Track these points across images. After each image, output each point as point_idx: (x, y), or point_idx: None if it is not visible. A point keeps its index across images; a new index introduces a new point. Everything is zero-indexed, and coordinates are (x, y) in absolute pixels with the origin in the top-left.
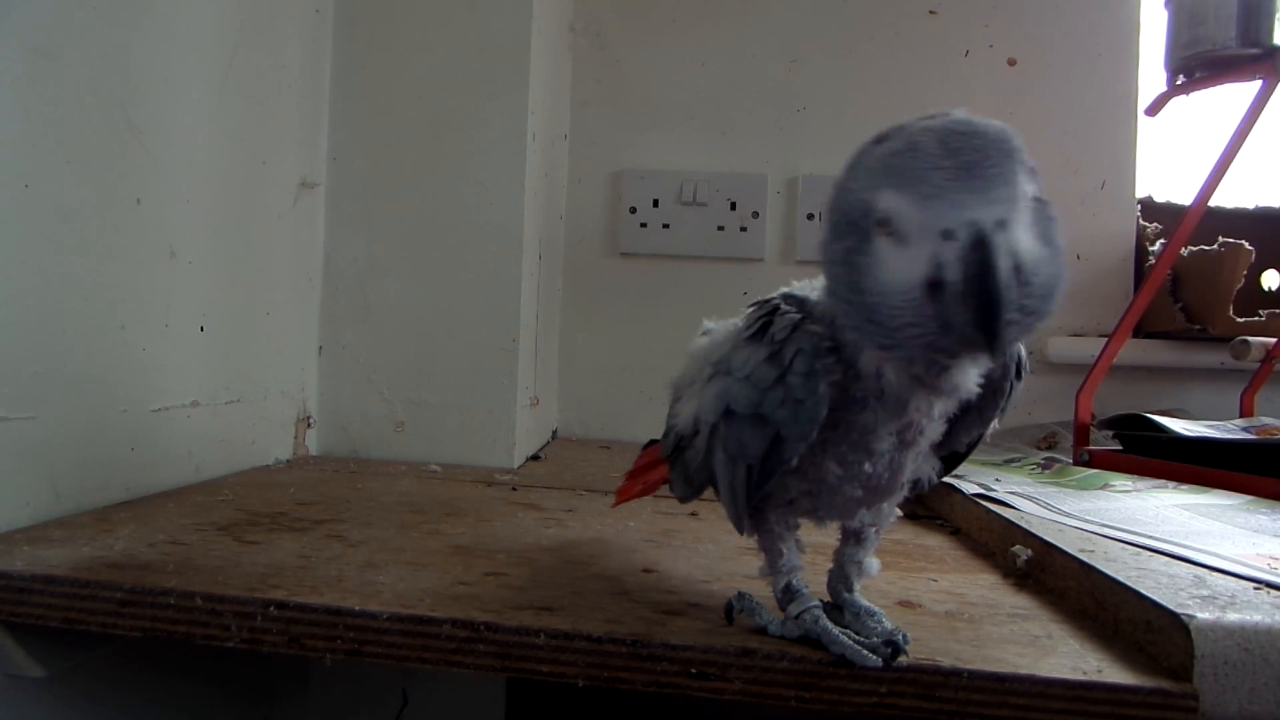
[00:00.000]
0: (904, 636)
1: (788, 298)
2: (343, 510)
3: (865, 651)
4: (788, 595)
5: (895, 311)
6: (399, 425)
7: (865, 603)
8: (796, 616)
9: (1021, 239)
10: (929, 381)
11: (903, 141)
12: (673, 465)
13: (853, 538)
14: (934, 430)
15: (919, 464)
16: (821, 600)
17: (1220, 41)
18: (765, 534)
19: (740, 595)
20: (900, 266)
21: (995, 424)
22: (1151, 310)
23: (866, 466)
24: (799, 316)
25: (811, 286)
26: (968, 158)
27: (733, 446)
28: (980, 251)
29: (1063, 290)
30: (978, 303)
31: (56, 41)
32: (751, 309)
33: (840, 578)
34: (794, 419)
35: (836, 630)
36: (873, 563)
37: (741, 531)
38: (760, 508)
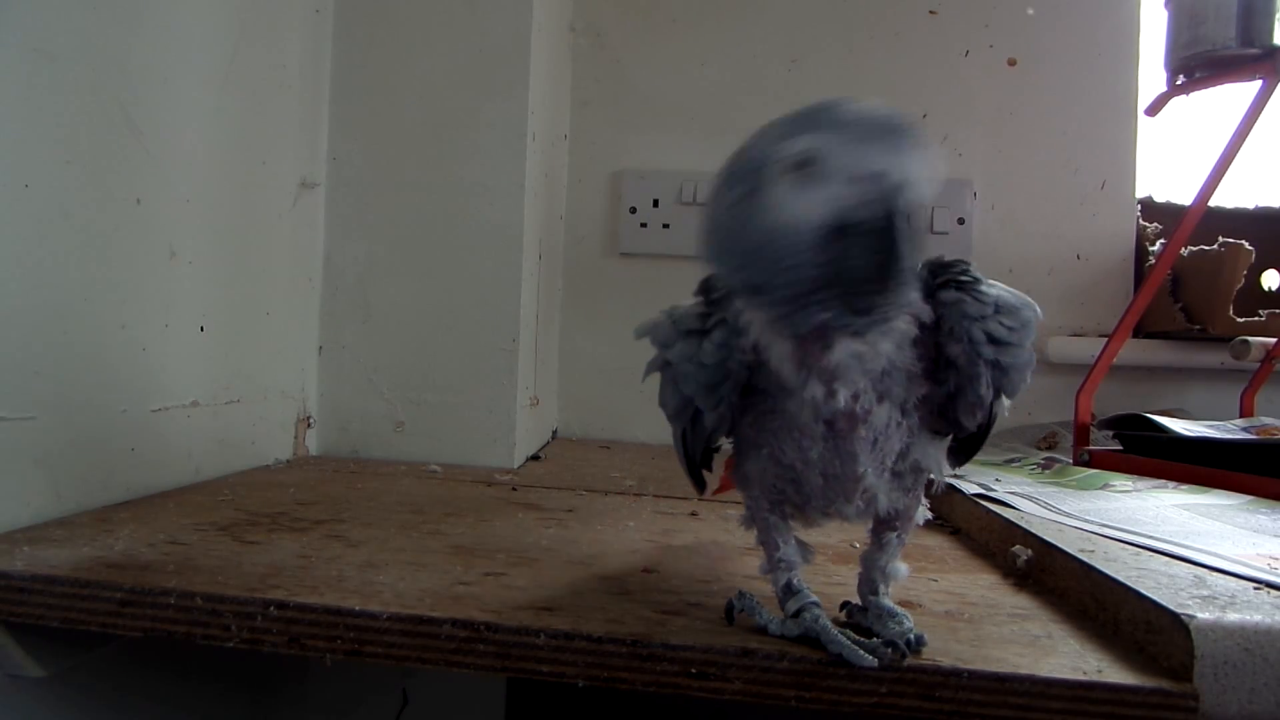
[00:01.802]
0: (916, 638)
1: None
2: (343, 510)
3: (862, 652)
4: (787, 593)
5: (783, 251)
6: (399, 425)
7: (889, 605)
8: (795, 615)
9: (918, 211)
10: (811, 364)
11: (819, 103)
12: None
13: (876, 544)
14: (880, 416)
15: (894, 452)
16: (852, 604)
17: (1220, 41)
18: (762, 529)
19: (740, 594)
20: (806, 206)
21: (1006, 401)
22: (1151, 310)
23: (813, 453)
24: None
25: None
26: (893, 121)
27: (663, 405)
28: (901, 198)
29: (914, 269)
30: (886, 245)
31: (56, 41)
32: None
33: (866, 582)
34: (698, 384)
35: (835, 630)
36: (900, 567)
37: (700, 489)
38: (751, 491)
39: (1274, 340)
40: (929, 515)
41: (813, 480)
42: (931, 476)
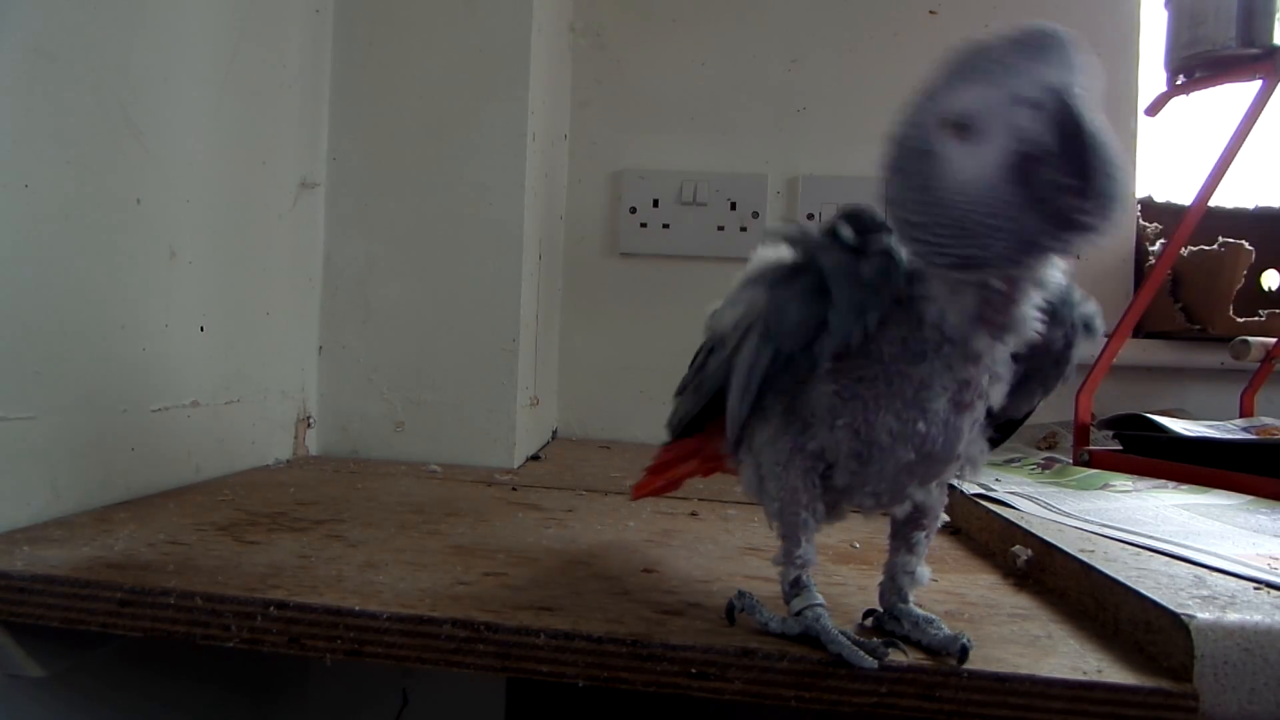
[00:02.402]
0: (970, 643)
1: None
2: (343, 510)
3: (861, 653)
4: (794, 589)
5: (981, 210)
6: (399, 425)
7: (921, 611)
8: (798, 614)
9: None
10: (991, 317)
11: (962, 49)
12: (681, 392)
13: (904, 545)
14: (996, 393)
15: (974, 436)
16: (876, 611)
17: (1220, 41)
18: (790, 518)
19: (740, 594)
20: (979, 160)
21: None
22: (1151, 310)
23: (920, 425)
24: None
25: None
26: (1037, 41)
27: (772, 320)
28: (1070, 106)
29: (1128, 180)
30: (1080, 156)
31: (56, 41)
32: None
33: (893, 589)
34: (850, 298)
35: (836, 630)
36: (924, 571)
37: (734, 445)
38: (794, 485)
39: (1274, 340)
40: (946, 517)
41: (898, 458)
42: (973, 468)
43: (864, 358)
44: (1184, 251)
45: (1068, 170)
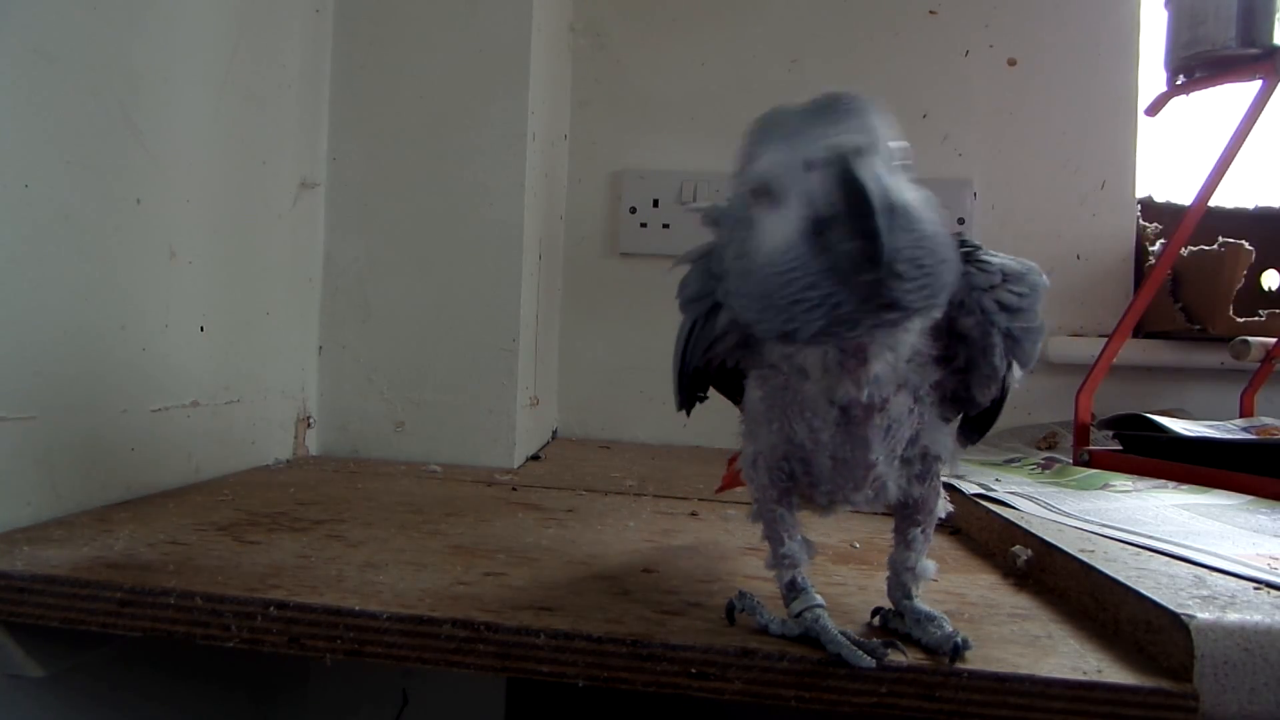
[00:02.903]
0: (964, 641)
1: None
2: (343, 510)
3: (861, 653)
4: (791, 592)
5: (787, 278)
6: (399, 425)
7: (925, 608)
8: (797, 615)
9: (887, 174)
10: (850, 371)
11: (760, 118)
12: None
13: (902, 541)
14: (900, 404)
15: (904, 439)
16: (884, 609)
17: (1220, 41)
18: (769, 523)
19: (741, 595)
20: (780, 225)
21: (1018, 372)
22: (1151, 310)
23: (825, 435)
24: None
25: None
26: (821, 103)
27: (679, 289)
28: (843, 169)
29: (951, 254)
30: (855, 216)
31: (56, 41)
32: None
33: (898, 585)
34: (697, 275)
35: (836, 630)
36: (928, 565)
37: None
38: (764, 490)
39: (1274, 340)
40: (950, 508)
41: (822, 463)
42: (941, 462)
43: (769, 367)
44: (1184, 251)
45: (853, 231)
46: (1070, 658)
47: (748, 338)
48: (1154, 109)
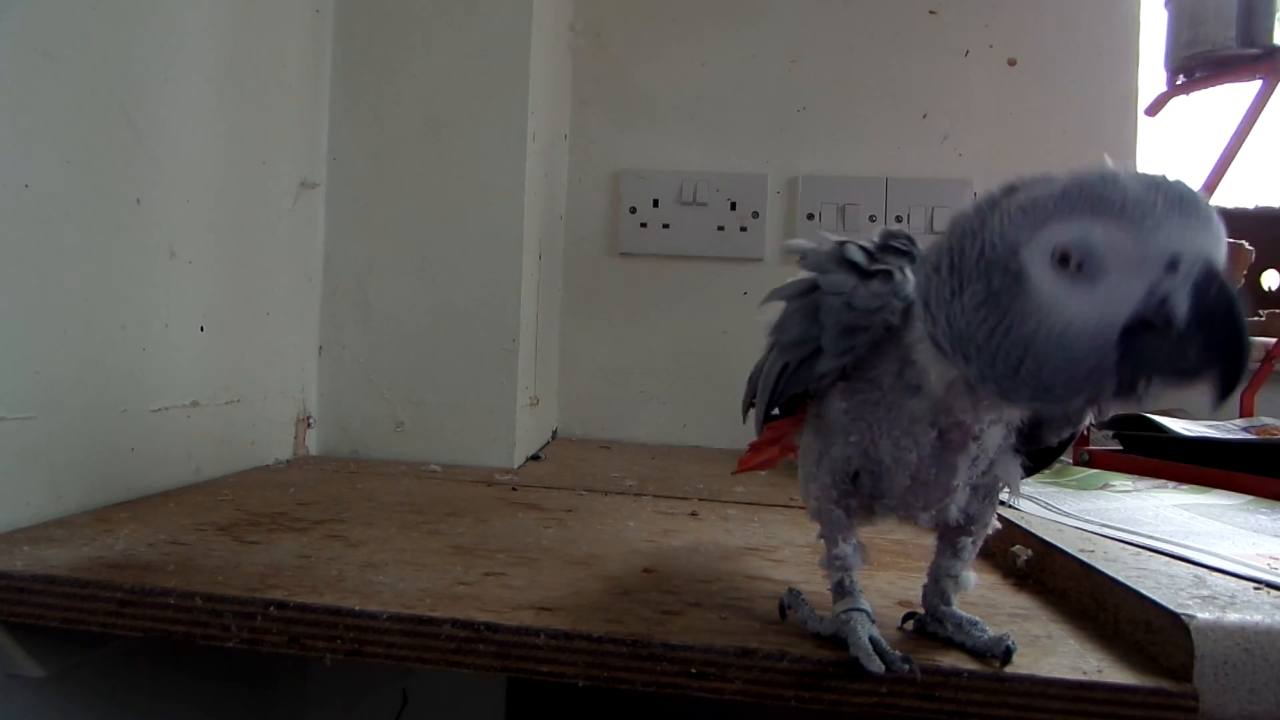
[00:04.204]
0: (1014, 643)
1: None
2: (343, 510)
3: (875, 658)
4: (839, 593)
5: (1070, 358)
6: (399, 425)
7: (964, 614)
8: (836, 615)
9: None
10: (976, 399)
11: (1089, 176)
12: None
13: (949, 549)
14: (992, 438)
15: (980, 470)
16: (917, 613)
17: (1220, 41)
18: (826, 523)
19: (791, 592)
20: (1089, 306)
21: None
22: None
23: (912, 455)
24: (907, 253)
25: None
26: (1178, 192)
27: (777, 332)
28: (1218, 281)
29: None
30: (1222, 337)
31: (56, 41)
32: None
33: (936, 592)
34: (837, 321)
35: (864, 634)
36: (970, 576)
37: (758, 431)
38: (825, 482)
39: (1274, 340)
40: (998, 525)
41: (898, 481)
42: (1006, 491)
43: (865, 381)
44: None
45: (1198, 350)
46: (1070, 658)
47: (850, 367)
48: (1154, 109)
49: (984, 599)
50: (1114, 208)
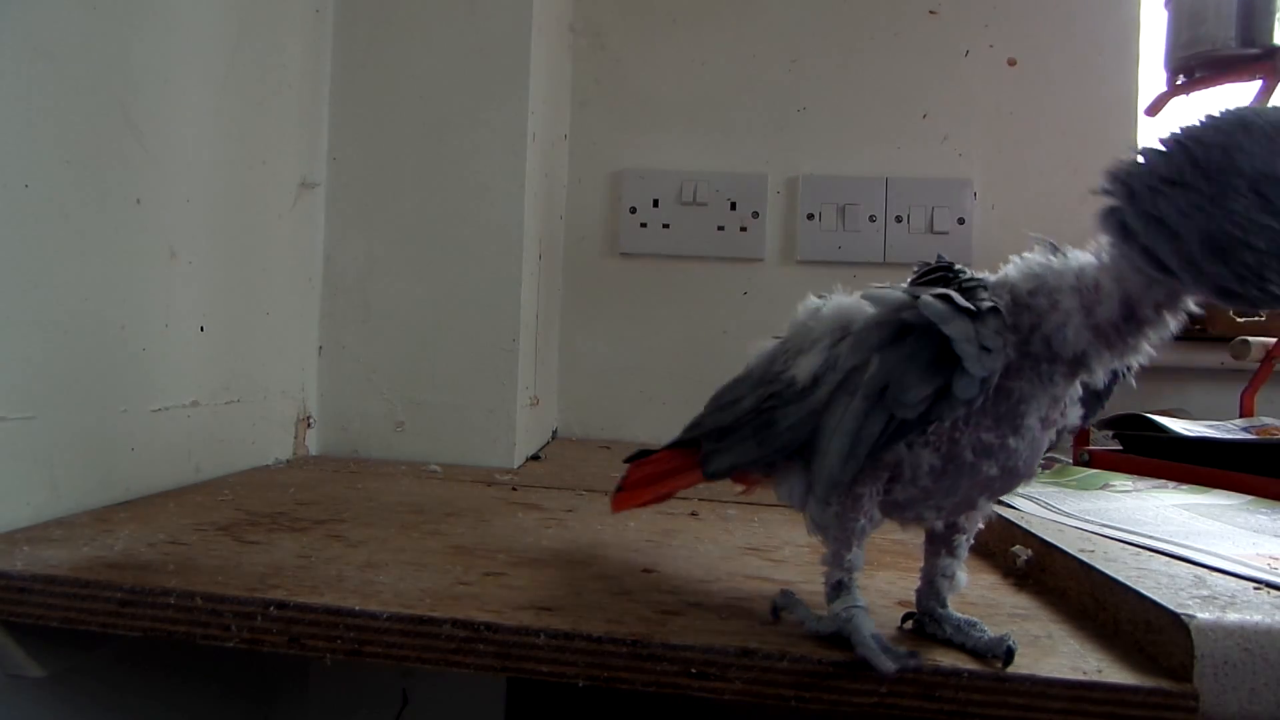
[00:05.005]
0: (1015, 643)
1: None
2: (343, 510)
3: (885, 658)
4: (837, 591)
5: None
6: (399, 425)
7: (963, 616)
8: (836, 614)
9: None
10: (1116, 342)
11: None
12: (733, 432)
13: (943, 548)
14: (1073, 413)
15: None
16: (915, 614)
17: (1220, 41)
18: (849, 524)
19: (783, 593)
20: None
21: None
22: None
23: (1011, 441)
24: (976, 282)
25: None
26: None
27: (894, 389)
28: None
29: None
30: None
31: (56, 41)
32: (914, 275)
33: (931, 594)
34: (979, 365)
35: (867, 632)
36: (963, 576)
37: (829, 501)
38: (859, 493)
39: (1274, 340)
40: (990, 514)
41: (984, 470)
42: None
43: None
44: None
45: None
46: (1070, 658)
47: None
48: (1154, 109)
49: (984, 599)
50: None
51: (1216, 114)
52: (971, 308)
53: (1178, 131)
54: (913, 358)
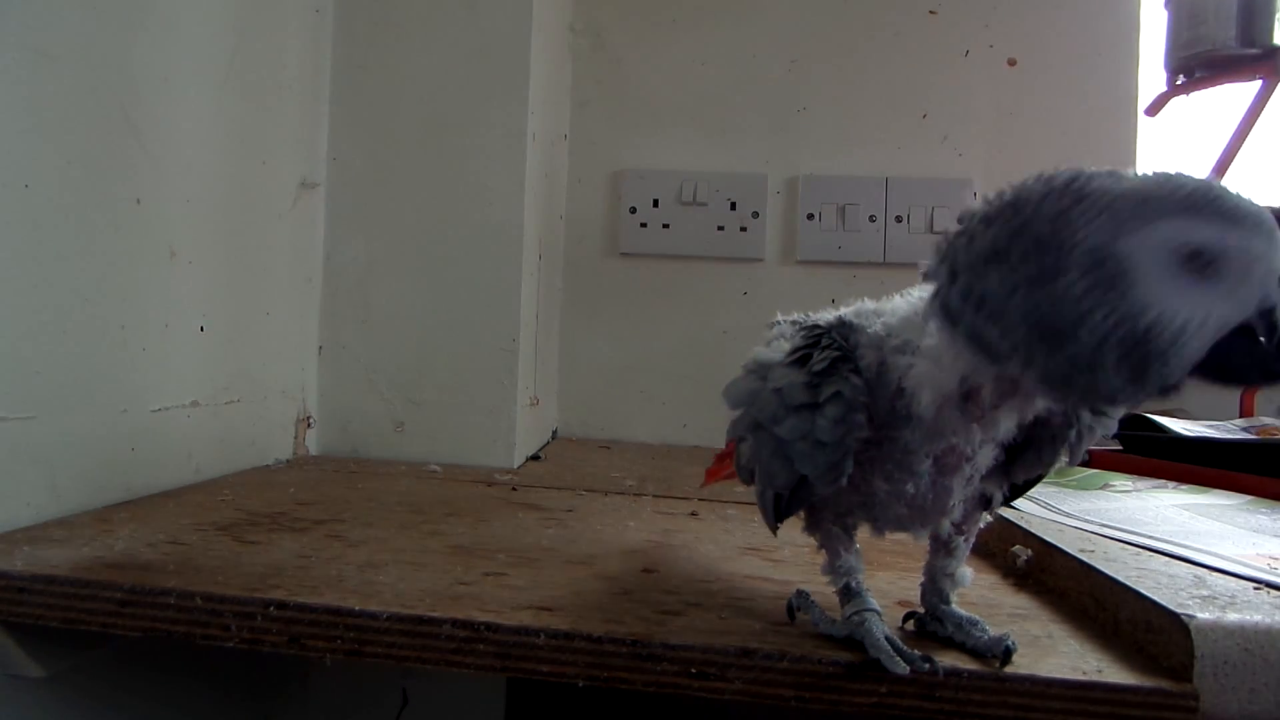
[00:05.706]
0: (1014, 644)
1: (840, 325)
2: (343, 510)
3: (898, 659)
4: (846, 596)
5: (1179, 353)
6: (399, 425)
7: (964, 613)
8: (848, 617)
9: None
10: (974, 416)
11: (1191, 183)
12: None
13: (943, 548)
14: (984, 457)
15: (973, 488)
16: (916, 613)
17: (1220, 41)
18: (825, 537)
19: (799, 593)
20: (1209, 306)
21: (1063, 460)
22: None
23: (909, 487)
24: (838, 355)
25: (882, 309)
26: (1276, 214)
27: (762, 475)
28: None
29: None
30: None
31: (56, 41)
32: (802, 332)
33: (934, 591)
34: (815, 464)
35: (880, 635)
36: (965, 573)
37: (775, 533)
38: (817, 511)
39: None
40: (989, 518)
41: (893, 509)
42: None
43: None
44: None
45: (1259, 352)
46: (1070, 658)
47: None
48: (1154, 109)
49: (984, 599)
50: (1246, 218)
51: (1050, 174)
52: (811, 400)
53: (1006, 194)
54: (774, 452)
